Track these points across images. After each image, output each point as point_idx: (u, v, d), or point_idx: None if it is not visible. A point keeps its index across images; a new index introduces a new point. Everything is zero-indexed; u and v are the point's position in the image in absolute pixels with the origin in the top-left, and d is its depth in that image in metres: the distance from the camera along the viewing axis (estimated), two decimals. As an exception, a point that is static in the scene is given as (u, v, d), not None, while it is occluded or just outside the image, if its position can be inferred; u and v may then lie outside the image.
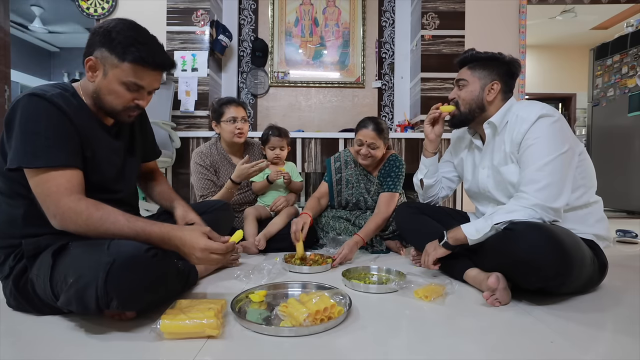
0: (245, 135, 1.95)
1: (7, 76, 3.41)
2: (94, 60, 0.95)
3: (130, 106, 1.01)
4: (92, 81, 0.97)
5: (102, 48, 0.94)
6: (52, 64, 7.08)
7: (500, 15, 3.47)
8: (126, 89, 0.97)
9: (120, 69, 0.95)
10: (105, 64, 0.95)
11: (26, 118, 0.88)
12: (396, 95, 3.57)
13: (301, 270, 1.47)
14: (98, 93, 0.98)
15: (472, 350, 0.83)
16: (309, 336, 0.87)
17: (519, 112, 1.23)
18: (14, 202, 0.96)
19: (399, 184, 1.88)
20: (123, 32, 0.94)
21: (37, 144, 0.87)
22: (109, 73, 0.95)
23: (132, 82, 0.97)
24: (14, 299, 0.97)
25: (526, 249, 1.01)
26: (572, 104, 6.49)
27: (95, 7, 3.38)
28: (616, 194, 3.64)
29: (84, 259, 0.85)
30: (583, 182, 1.21)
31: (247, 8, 3.54)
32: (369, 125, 1.81)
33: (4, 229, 0.98)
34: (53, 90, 0.94)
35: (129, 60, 0.94)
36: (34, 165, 0.87)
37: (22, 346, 0.83)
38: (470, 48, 1.37)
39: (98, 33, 0.95)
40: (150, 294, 0.91)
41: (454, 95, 1.36)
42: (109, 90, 0.97)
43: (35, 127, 0.88)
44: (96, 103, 1.00)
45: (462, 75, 1.34)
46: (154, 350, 0.81)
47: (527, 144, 1.17)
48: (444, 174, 1.59)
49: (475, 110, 1.31)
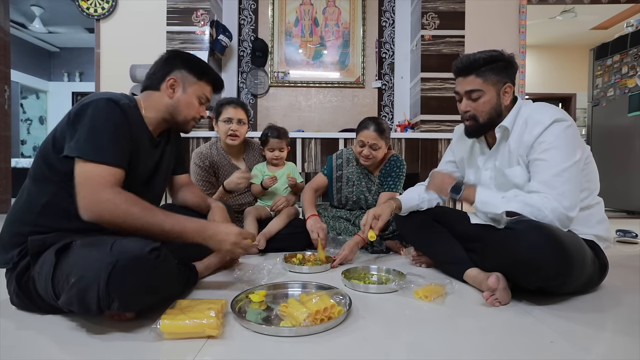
0: (241, 138, 1.94)
1: (7, 76, 3.42)
2: (174, 79, 1.14)
3: (196, 117, 1.21)
4: (171, 97, 1.15)
5: (183, 70, 1.15)
6: (52, 64, 7.09)
7: (500, 15, 3.47)
8: (199, 102, 1.19)
9: (198, 85, 1.18)
10: (185, 82, 1.16)
11: (98, 116, 0.97)
12: (396, 95, 3.57)
13: (301, 270, 1.47)
14: (176, 106, 1.15)
15: (472, 350, 0.83)
16: (309, 336, 0.87)
17: (530, 114, 1.19)
18: (40, 189, 0.99)
19: (400, 184, 1.88)
20: (196, 59, 1.20)
21: (102, 141, 0.96)
22: (188, 89, 1.16)
23: (205, 96, 1.20)
24: (17, 296, 0.98)
25: (527, 248, 1.01)
26: (572, 104, 6.49)
27: (95, 7, 3.38)
28: (616, 194, 3.64)
29: (86, 258, 0.85)
30: (587, 185, 1.20)
31: (247, 8, 3.54)
32: (370, 126, 1.80)
33: (20, 215, 0.99)
34: (124, 99, 1.05)
35: (205, 80, 1.19)
36: (92, 158, 0.94)
37: (22, 346, 0.83)
38: (465, 54, 1.25)
39: (176, 58, 1.16)
40: (152, 295, 0.91)
41: (468, 108, 1.25)
42: (187, 103, 1.16)
43: (104, 126, 0.97)
44: (169, 115, 1.16)
45: (472, 85, 1.22)
46: (154, 350, 0.81)
47: (541, 148, 1.14)
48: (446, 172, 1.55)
49: (494, 118, 1.24)
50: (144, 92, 1.17)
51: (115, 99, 1.01)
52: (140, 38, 3.39)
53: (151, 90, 1.15)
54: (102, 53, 3.42)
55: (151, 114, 1.13)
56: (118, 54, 3.37)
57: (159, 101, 1.14)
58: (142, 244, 0.86)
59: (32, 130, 6.92)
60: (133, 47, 3.37)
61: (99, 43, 3.42)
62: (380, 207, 1.47)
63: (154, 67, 1.17)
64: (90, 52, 4.70)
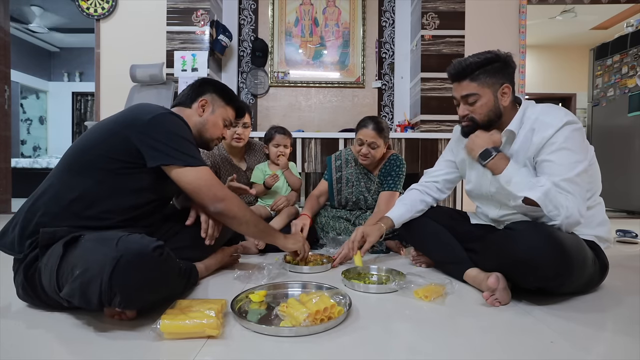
0: (245, 141, 1.95)
1: (7, 76, 3.42)
2: (206, 100, 1.28)
3: (219, 137, 1.34)
4: (201, 116, 1.28)
5: (214, 94, 1.30)
6: (52, 64, 7.09)
7: (500, 15, 3.47)
8: (223, 124, 1.33)
9: (225, 109, 1.32)
10: (214, 104, 1.30)
11: (176, 128, 1.10)
12: (396, 95, 3.57)
13: (301, 270, 1.47)
14: (204, 124, 1.28)
15: (472, 350, 0.83)
16: (309, 336, 0.88)
17: (539, 117, 1.17)
18: (76, 183, 1.01)
19: (400, 183, 1.88)
20: (226, 87, 1.36)
21: (191, 149, 1.11)
22: (216, 111, 1.30)
23: (229, 120, 1.35)
24: (22, 288, 0.98)
25: (526, 249, 1.01)
26: (572, 104, 6.49)
27: (95, 7, 3.38)
28: (616, 194, 3.64)
29: (92, 252, 0.86)
30: (591, 186, 1.20)
31: (247, 8, 3.54)
32: (369, 125, 1.81)
33: (46, 203, 0.99)
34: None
35: (232, 106, 1.35)
36: (194, 164, 1.09)
37: (22, 344, 0.83)
38: (457, 60, 1.24)
39: (209, 84, 1.32)
40: (153, 293, 0.91)
41: (466, 112, 1.25)
42: (214, 124, 1.30)
43: (186, 136, 1.11)
44: (197, 131, 1.27)
45: (467, 89, 1.22)
46: (154, 350, 0.81)
47: (551, 149, 1.12)
48: (444, 176, 1.53)
49: (493, 119, 1.23)
50: (175, 107, 1.29)
51: (176, 113, 1.14)
52: (140, 38, 3.39)
53: (183, 107, 1.28)
54: (102, 53, 3.42)
55: None
56: (118, 54, 3.37)
57: (190, 117, 1.25)
58: (147, 241, 0.87)
59: (32, 130, 6.92)
60: (133, 47, 3.37)
61: (99, 43, 3.42)
62: (370, 228, 1.49)
63: (187, 88, 1.31)
64: (90, 52, 4.70)
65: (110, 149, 1.02)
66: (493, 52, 1.21)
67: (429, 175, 1.57)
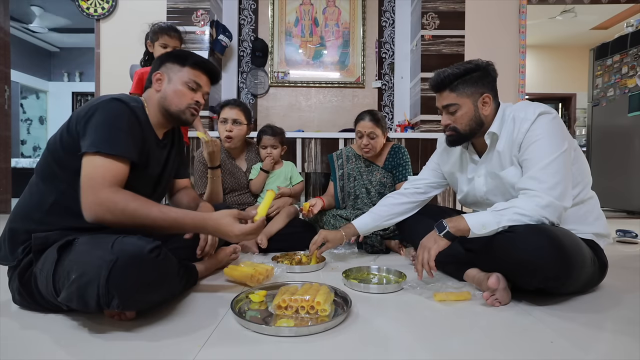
0: (235, 139, 1.93)
1: (7, 76, 3.42)
2: (160, 73, 1.16)
3: (191, 104, 1.17)
4: (159, 90, 1.15)
5: (166, 63, 1.17)
6: (52, 63, 7.09)
7: (500, 15, 3.47)
8: (188, 89, 1.16)
9: (182, 72, 1.16)
10: (169, 73, 1.16)
11: (110, 114, 0.99)
12: (396, 95, 3.57)
13: (293, 270, 1.48)
14: (165, 98, 1.15)
15: (472, 350, 0.83)
16: (309, 336, 0.88)
17: (514, 114, 1.20)
18: (48, 188, 1.00)
19: (410, 170, 2.00)
20: (182, 50, 1.26)
21: (118, 136, 0.98)
22: (173, 78, 1.16)
23: (192, 80, 1.17)
24: (19, 293, 0.98)
25: (526, 251, 1.01)
26: (572, 104, 6.49)
27: (95, 7, 3.38)
28: (616, 194, 3.64)
29: (88, 255, 0.86)
30: (581, 179, 1.21)
31: (247, 8, 3.54)
32: (365, 117, 1.92)
33: (28, 212, 1.00)
34: (132, 101, 1.09)
35: (188, 65, 1.17)
36: (107, 151, 0.95)
37: (22, 346, 0.83)
38: (437, 71, 1.26)
39: (162, 57, 1.20)
40: (152, 294, 0.91)
41: (448, 122, 1.27)
42: (175, 92, 1.15)
43: (117, 123, 1.00)
44: (162, 109, 1.15)
45: (447, 100, 1.24)
46: (154, 350, 0.81)
47: (529, 141, 1.15)
48: (429, 182, 1.52)
49: (475, 128, 1.25)
50: (144, 93, 1.20)
51: (122, 99, 1.04)
52: (140, 38, 3.38)
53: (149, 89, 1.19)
54: (102, 53, 3.42)
55: (152, 113, 1.16)
56: (118, 54, 3.37)
57: (151, 98, 1.17)
58: (143, 243, 0.87)
59: (32, 130, 6.92)
60: (133, 47, 3.36)
61: (99, 43, 3.42)
62: (333, 233, 1.55)
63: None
64: (90, 52, 4.70)
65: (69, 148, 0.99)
66: (473, 62, 1.24)
67: (411, 183, 1.56)
